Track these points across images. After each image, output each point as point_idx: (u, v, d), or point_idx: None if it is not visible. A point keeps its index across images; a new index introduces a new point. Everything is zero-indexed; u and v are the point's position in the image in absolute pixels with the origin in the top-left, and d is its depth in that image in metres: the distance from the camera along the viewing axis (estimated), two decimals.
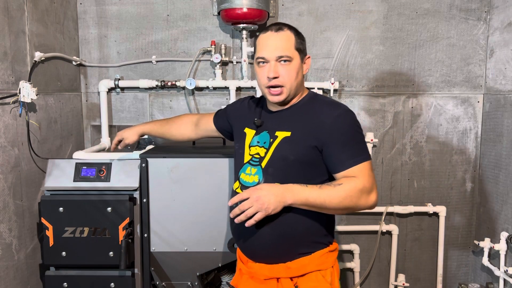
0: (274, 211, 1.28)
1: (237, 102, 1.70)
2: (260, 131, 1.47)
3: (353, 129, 1.36)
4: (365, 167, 1.33)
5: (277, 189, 1.29)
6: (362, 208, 1.34)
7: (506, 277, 2.19)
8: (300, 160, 1.36)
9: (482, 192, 2.48)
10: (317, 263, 1.40)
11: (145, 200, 1.77)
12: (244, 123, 1.54)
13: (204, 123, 1.77)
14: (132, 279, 1.85)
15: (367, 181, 1.31)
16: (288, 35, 1.39)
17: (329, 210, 1.33)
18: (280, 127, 1.42)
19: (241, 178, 1.45)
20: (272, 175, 1.38)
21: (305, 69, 1.45)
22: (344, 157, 1.32)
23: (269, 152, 1.40)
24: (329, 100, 1.46)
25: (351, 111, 1.39)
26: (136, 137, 1.83)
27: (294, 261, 1.39)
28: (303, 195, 1.28)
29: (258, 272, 1.42)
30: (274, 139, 1.41)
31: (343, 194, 1.28)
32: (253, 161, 1.44)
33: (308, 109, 1.42)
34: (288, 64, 1.37)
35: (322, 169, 1.38)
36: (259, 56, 1.40)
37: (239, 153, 1.51)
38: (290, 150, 1.37)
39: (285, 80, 1.38)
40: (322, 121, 1.36)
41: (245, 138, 1.50)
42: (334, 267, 1.45)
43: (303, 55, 1.43)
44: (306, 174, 1.36)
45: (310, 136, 1.36)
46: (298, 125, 1.39)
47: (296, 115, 1.42)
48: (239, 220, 1.29)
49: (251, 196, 1.27)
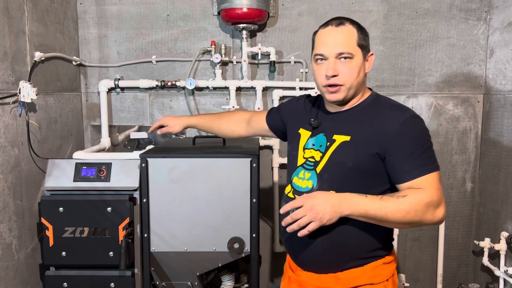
0: (329, 222, 1.17)
1: (292, 100, 1.60)
2: (316, 133, 1.37)
3: (421, 136, 1.24)
4: (433, 178, 1.21)
5: (333, 198, 1.19)
6: (428, 223, 1.21)
7: (506, 277, 2.19)
8: (359, 167, 1.26)
9: (482, 192, 2.48)
10: (369, 276, 1.30)
11: (145, 200, 1.77)
12: (299, 123, 1.44)
13: (256, 121, 1.70)
14: (132, 279, 1.85)
15: (435, 194, 1.20)
16: (349, 30, 1.28)
17: (390, 224, 1.22)
18: (338, 131, 1.32)
19: (293, 182, 1.37)
20: (327, 181, 1.29)
21: (368, 67, 1.33)
22: (410, 167, 1.21)
23: (325, 156, 1.31)
24: (394, 103, 1.33)
25: (419, 116, 1.28)
26: (181, 128, 1.79)
27: (344, 272, 1.30)
28: (362, 206, 1.17)
29: (306, 281, 1.36)
30: (331, 143, 1.31)
31: (407, 208, 1.16)
32: (307, 165, 1.35)
33: (371, 112, 1.31)
34: (349, 61, 1.26)
35: (383, 178, 1.27)
36: (317, 52, 1.30)
37: (292, 154, 1.43)
38: (349, 156, 1.27)
39: (344, 78, 1.27)
40: (387, 126, 1.24)
41: (299, 140, 1.41)
42: (390, 281, 1.33)
43: (365, 51, 1.31)
44: (364, 183, 1.26)
45: (372, 142, 1.25)
46: (359, 129, 1.29)
47: (357, 118, 1.31)
48: (291, 230, 1.20)
49: (305, 205, 1.17)
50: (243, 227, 1.76)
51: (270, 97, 2.49)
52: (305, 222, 1.17)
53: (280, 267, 2.67)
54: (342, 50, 1.26)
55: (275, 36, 2.48)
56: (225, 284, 2.01)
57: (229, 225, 1.77)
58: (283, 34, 2.48)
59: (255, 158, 1.74)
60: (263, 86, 2.45)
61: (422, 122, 1.27)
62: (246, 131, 1.74)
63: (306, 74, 2.48)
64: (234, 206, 1.76)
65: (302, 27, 2.47)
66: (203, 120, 1.80)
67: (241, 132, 1.75)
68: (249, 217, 1.76)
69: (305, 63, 2.46)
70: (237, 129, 1.75)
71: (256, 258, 1.80)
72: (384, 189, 1.28)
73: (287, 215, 1.22)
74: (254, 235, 1.77)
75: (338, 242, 1.28)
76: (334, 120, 1.35)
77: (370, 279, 1.30)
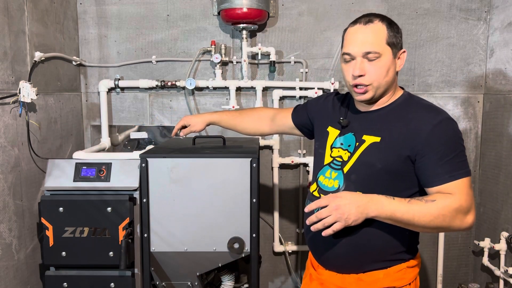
0: (354, 223, 1.16)
1: (320, 97, 1.57)
2: (344, 132, 1.34)
3: (454, 140, 1.20)
4: (464, 183, 1.18)
5: (360, 199, 1.17)
6: (456, 229, 1.19)
7: (506, 277, 2.19)
8: (388, 169, 1.23)
9: (482, 192, 2.48)
10: (392, 279, 1.28)
11: (145, 200, 1.77)
12: (327, 121, 1.42)
13: (280, 119, 1.68)
14: (132, 279, 1.85)
15: (464, 199, 1.16)
16: (378, 28, 1.24)
17: (417, 228, 1.19)
18: (368, 131, 1.29)
19: (319, 181, 1.36)
20: (354, 182, 1.27)
21: (399, 65, 1.29)
22: (441, 171, 1.18)
23: (354, 157, 1.28)
24: (427, 104, 1.29)
25: (453, 119, 1.23)
26: (204, 126, 1.77)
27: (367, 274, 1.29)
28: (389, 209, 1.15)
29: (328, 280, 1.35)
30: (360, 144, 1.28)
31: (436, 212, 1.14)
32: (334, 164, 1.33)
33: (402, 112, 1.27)
34: (377, 61, 1.23)
35: (412, 181, 1.24)
36: (344, 51, 1.27)
37: (318, 152, 1.41)
38: (378, 157, 1.24)
39: (372, 78, 1.24)
40: (419, 128, 1.21)
41: (327, 138, 1.39)
42: (412, 285, 1.32)
43: (396, 49, 1.26)
44: (392, 185, 1.23)
45: (402, 144, 1.22)
46: (390, 130, 1.26)
47: (388, 118, 1.28)
48: (315, 229, 1.18)
49: (330, 204, 1.16)
50: (243, 227, 1.76)
51: (270, 97, 2.49)
52: (330, 222, 1.16)
53: (280, 267, 2.67)
54: (369, 49, 1.23)
55: (275, 36, 2.48)
56: (225, 284, 2.01)
57: (229, 225, 1.77)
58: (283, 34, 2.48)
59: (255, 158, 1.74)
60: (263, 86, 2.44)
61: (456, 126, 1.23)
62: (270, 128, 1.73)
63: (306, 74, 2.48)
64: (234, 206, 1.76)
65: (302, 27, 2.47)
66: (226, 117, 1.78)
67: (265, 129, 1.74)
68: (249, 217, 1.76)
69: (305, 63, 2.46)
70: (260, 126, 1.74)
71: (256, 258, 1.80)
72: (413, 192, 1.25)
73: (312, 213, 1.21)
74: (254, 235, 1.77)
75: (363, 244, 1.27)
76: (364, 120, 1.32)
77: (393, 282, 1.28)
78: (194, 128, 1.77)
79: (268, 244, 2.63)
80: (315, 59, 2.49)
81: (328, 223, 1.16)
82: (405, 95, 1.33)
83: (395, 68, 1.28)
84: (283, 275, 2.68)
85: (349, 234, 1.26)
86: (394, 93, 1.32)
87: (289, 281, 2.69)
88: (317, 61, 2.49)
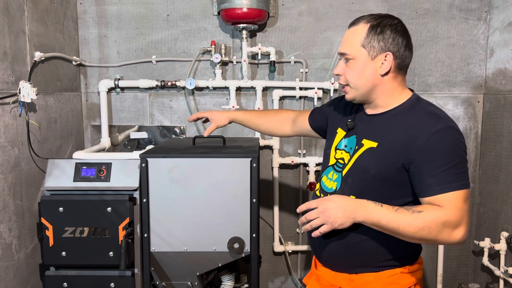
0: (341, 226, 1.18)
1: (336, 99, 1.56)
2: (350, 134, 1.34)
3: (452, 150, 1.15)
4: (456, 196, 1.13)
5: (347, 203, 1.18)
6: (444, 243, 1.17)
7: (506, 277, 2.19)
8: (382, 176, 1.22)
9: (482, 192, 2.48)
10: (384, 283, 1.27)
11: (145, 200, 1.77)
12: (338, 123, 1.43)
13: (300, 121, 1.69)
14: (132, 279, 1.85)
15: (453, 214, 1.12)
16: (356, 30, 1.24)
17: (403, 237, 1.17)
18: (368, 135, 1.28)
19: (322, 181, 1.37)
20: (350, 185, 1.27)
21: (383, 69, 1.23)
22: (433, 182, 1.14)
23: (352, 160, 1.29)
24: (432, 110, 1.23)
25: (455, 127, 1.18)
26: (227, 122, 1.78)
27: (359, 275, 1.30)
28: (375, 216, 1.15)
29: (322, 277, 1.39)
30: (359, 147, 1.28)
31: (421, 224, 1.12)
32: (337, 166, 1.34)
33: (404, 117, 1.23)
34: (351, 62, 1.26)
35: (407, 190, 1.22)
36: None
37: (326, 153, 1.42)
38: (373, 163, 1.23)
39: (347, 79, 1.28)
40: (416, 136, 1.17)
41: (334, 139, 1.40)
42: None
43: (374, 52, 1.22)
44: (386, 193, 1.22)
45: (398, 152, 1.19)
46: (388, 136, 1.23)
47: (389, 123, 1.25)
48: (304, 230, 1.23)
49: (319, 207, 1.19)
50: (243, 227, 1.76)
51: (270, 97, 2.49)
52: (317, 224, 1.19)
53: (280, 267, 2.67)
54: (343, 51, 1.28)
55: (275, 36, 2.48)
56: (225, 284, 2.01)
57: (229, 225, 1.77)
58: (283, 34, 2.48)
59: (255, 158, 1.74)
60: (263, 86, 2.45)
61: (457, 135, 1.17)
62: (292, 130, 1.75)
63: (306, 74, 2.48)
64: (234, 206, 1.76)
65: (302, 27, 2.47)
66: (249, 116, 1.79)
67: (287, 131, 1.76)
68: (249, 217, 1.76)
69: (305, 63, 2.46)
70: (283, 128, 1.76)
71: (256, 258, 1.80)
72: (407, 201, 1.23)
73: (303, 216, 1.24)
74: (254, 235, 1.77)
75: (354, 245, 1.28)
76: (368, 123, 1.31)
77: (384, 286, 1.28)
78: (218, 123, 1.78)
79: (268, 244, 2.63)
80: (315, 59, 2.49)
81: (315, 225, 1.20)
82: (412, 99, 1.28)
83: (376, 70, 1.23)
84: (283, 275, 2.68)
85: (342, 235, 1.28)
86: (398, 96, 1.28)
87: (289, 281, 2.69)
88: (317, 61, 2.49)
